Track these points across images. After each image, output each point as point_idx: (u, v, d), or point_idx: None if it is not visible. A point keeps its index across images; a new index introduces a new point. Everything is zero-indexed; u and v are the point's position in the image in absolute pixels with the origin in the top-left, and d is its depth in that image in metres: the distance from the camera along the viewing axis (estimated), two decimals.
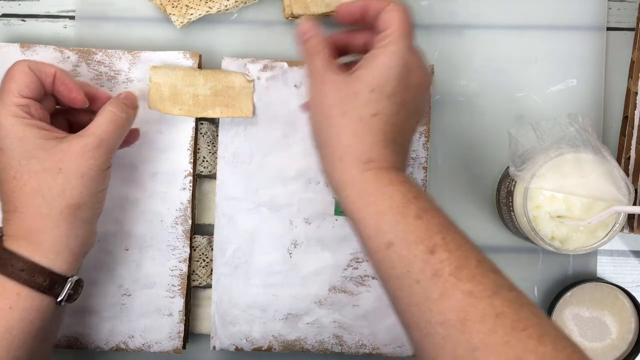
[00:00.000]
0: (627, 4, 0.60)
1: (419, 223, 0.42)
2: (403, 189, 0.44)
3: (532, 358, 0.37)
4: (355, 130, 0.45)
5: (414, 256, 0.41)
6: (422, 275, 0.41)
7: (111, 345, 0.56)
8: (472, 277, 0.40)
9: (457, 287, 0.39)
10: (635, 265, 0.59)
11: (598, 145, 0.50)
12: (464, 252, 0.41)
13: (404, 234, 0.42)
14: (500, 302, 0.39)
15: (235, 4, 0.58)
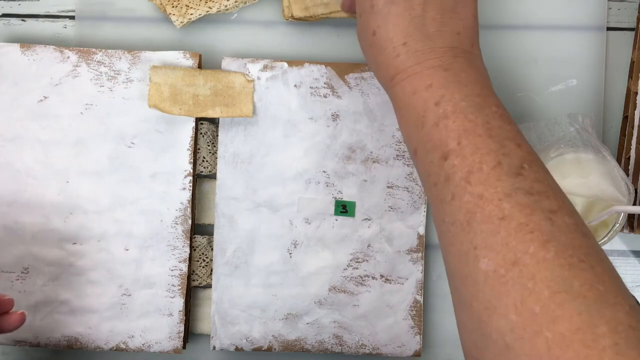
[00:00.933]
0: (627, 4, 0.60)
1: (435, 131, 0.42)
2: (426, 96, 0.43)
3: (529, 260, 0.36)
4: (369, 56, 0.46)
5: (430, 162, 0.42)
6: (437, 179, 0.41)
7: (111, 345, 0.56)
8: (484, 181, 0.39)
9: (467, 190, 0.39)
10: (635, 265, 0.59)
11: (598, 145, 0.50)
12: (480, 155, 0.40)
13: (423, 142, 0.42)
14: (510, 205, 0.38)
15: (235, 4, 0.58)
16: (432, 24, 0.44)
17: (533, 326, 0.35)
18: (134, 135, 0.56)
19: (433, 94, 0.43)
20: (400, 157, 0.57)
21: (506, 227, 0.37)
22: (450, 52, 0.44)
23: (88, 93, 0.56)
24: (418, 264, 0.57)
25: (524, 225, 0.37)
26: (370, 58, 0.46)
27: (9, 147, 0.56)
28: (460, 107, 0.42)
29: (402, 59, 0.44)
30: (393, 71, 0.44)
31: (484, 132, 0.41)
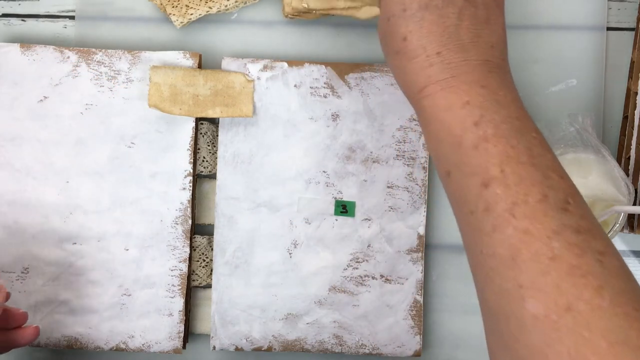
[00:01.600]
0: (627, 4, 0.60)
1: (474, 154, 0.39)
2: (462, 114, 0.40)
3: (583, 307, 0.34)
4: (397, 65, 0.43)
5: (468, 188, 0.39)
6: (475, 207, 0.38)
7: (111, 345, 0.56)
8: (531, 215, 0.36)
9: (510, 223, 0.37)
10: (635, 265, 0.59)
11: (598, 145, 0.50)
12: (526, 186, 0.37)
13: (459, 164, 0.39)
14: (559, 245, 0.35)
15: (235, 4, 0.58)
16: (466, 35, 0.42)
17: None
18: (134, 135, 0.56)
19: (471, 112, 0.40)
20: (400, 157, 0.57)
21: (557, 269, 0.35)
22: (485, 66, 0.42)
23: (88, 93, 0.56)
24: (418, 264, 0.57)
25: (576, 267, 0.35)
26: (396, 65, 0.43)
27: (9, 147, 0.56)
28: (502, 131, 0.39)
29: (436, 69, 0.41)
30: (424, 82, 0.42)
31: (527, 160, 0.38)
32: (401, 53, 0.42)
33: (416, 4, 0.42)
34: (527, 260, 0.36)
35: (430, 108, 0.41)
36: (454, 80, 0.41)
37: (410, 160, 0.57)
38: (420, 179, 0.57)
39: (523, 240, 0.36)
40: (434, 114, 0.41)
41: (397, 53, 0.43)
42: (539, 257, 0.36)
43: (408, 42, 0.42)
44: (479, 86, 0.41)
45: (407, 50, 0.42)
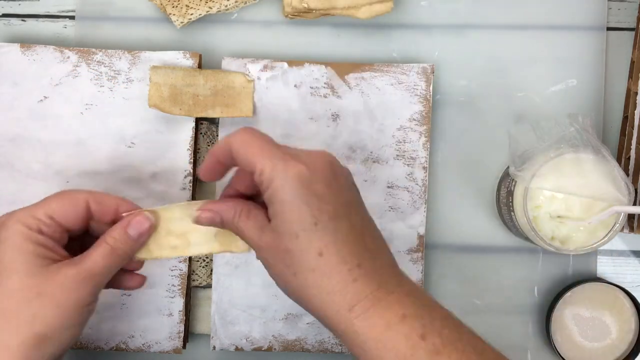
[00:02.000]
0: (627, 4, 0.60)
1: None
2: (405, 330, 0.38)
3: None
4: (315, 284, 0.40)
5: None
6: None
7: (111, 345, 0.56)
8: None
9: None
10: (635, 265, 0.59)
11: (598, 145, 0.50)
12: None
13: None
14: None
15: (235, 4, 0.58)
16: (370, 241, 0.41)
17: None
18: (134, 135, 0.56)
19: (412, 325, 0.39)
20: (400, 157, 0.57)
21: None
22: (393, 268, 0.41)
23: (88, 93, 0.56)
24: (418, 264, 0.57)
25: None
26: (309, 285, 0.40)
27: (9, 147, 0.56)
28: (447, 337, 0.39)
29: (361, 283, 0.39)
30: (352, 299, 0.39)
31: (482, 350, 0.40)
32: (317, 270, 0.39)
33: (326, 215, 0.40)
34: None
35: (367, 329, 0.39)
36: (380, 292, 0.39)
37: (410, 160, 0.57)
38: (420, 179, 0.57)
39: None
40: (372, 336, 0.39)
41: (313, 271, 0.40)
42: None
43: (325, 258, 0.39)
44: (404, 294, 0.40)
45: (326, 267, 0.39)
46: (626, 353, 0.57)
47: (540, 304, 0.59)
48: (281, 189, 0.40)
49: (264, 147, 0.41)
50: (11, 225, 0.43)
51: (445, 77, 0.59)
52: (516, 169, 0.51)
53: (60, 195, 0.46)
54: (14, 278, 0.42)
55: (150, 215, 0.47)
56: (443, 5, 0.59)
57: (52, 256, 0.44)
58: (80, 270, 0.43)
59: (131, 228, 0.46)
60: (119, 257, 0.45)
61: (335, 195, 0.41)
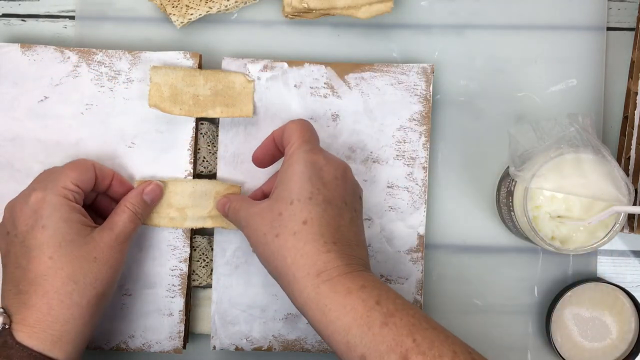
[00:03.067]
0: (627, 4, 0.60)
1: (386, 331, 0.42)
2: (363, 296, 0.43)
3: None
4: (294, 246, 0.45)
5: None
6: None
7: (111, 345, 0.56)
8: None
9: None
10: (635, 265, 0.59)
11: (598, 145, 0.50)
12: (437, 349, 0.42)
13: (374, 345, 0.42)
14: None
15: (235, 4, 0.58)
16: (353, 237, 0.47)
17: None
18: (134, 135, 0.56)
19: (370, 293, 0.44)
20: (400, 157, 0.57)
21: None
22: (364, 261, 0.47)
23: (88, 93, 0.56)
24: (418, 264, 0.57)
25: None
26: (289, 247, 0.46)
27: (9, 147, 0.56)
28: (400, 306, 0.44)
29: (332, 256, 0.45)
30: (321, 266, 0.45)
31: (428, 325, 0.43)
32: (299, 234, 0.45)
33: (322, 196, 0.46)
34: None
35: (330, 293, 0.44)
36: (348, 268, 0.45)
37: (410, 160, 0.57)
38: (420, 179, 0.57)
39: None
40: (335, 299, 0.44)
41: (295, 234, 0.46)
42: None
43: (308, 226, 0.46)
44: (367, 273, 0.46)
45: (307, 233, 0.45)
46: (626, 353, 0.57)
47: (540, 304, 0.59)
48: (296, 163, 0.47)
49: (304, 133, 0.49)
50: (54, 199, 0.48)
51: (445, 77, 0.59)
52: (516, 169, 0.51)
53: (75, 164, 0.52)
54: (71, 247, 0.47)
55: (161, 183, 0.54)
56: (443, 5, 0.59)
57: (89, 223, 0.50)
58: (117, 234, 0.50)
59: (146, 194, 0.53)
60: (139, 220, 0.52)
61: (336, 190, 0.47)
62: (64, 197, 0.49)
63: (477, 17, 0.59)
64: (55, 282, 0.46)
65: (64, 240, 0.47)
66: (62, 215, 0.48)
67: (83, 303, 0.47)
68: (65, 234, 0.47)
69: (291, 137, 0.49)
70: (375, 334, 0.42)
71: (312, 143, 0.49)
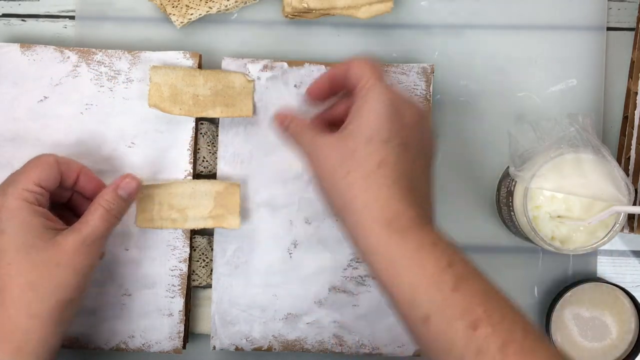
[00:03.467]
0: (627, 4, 0.60)
1: (456, 295, 0.40)
2: (436, 254, 0.41)
3: None
4: (365, 188, 0.42)
5: (455, 332, 0.39)
6: (466, 351, 0.39)
7: (111, 345, 0.56)
8: (520, 351, 0.38)
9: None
10: (635, 265, 0.59)
11: (598, 145, 0.50)
12: (508, 323, 0.39)
13: (442, 308, 0.39)
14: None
15: (235, 4, 0.58)
16: (424, 187, 0.45)
17: None
18: (134, 135, 0.56)
19: (443, 252, 0.41)
20: None
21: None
22: (433, 221, 0.45)
23: (88, 93, 0.56)
24: None
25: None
26: (360, 189, 0.43)
27: (9, 147, 0.56)
28: (471, 271, 0.41)
29: (405, 205, 0.42)
30: (392, 215, 0.42)
31: (498, 295, 0.40)
32: (372, 177, 0.42)
33: (399, 139, 0.44)
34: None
35: (400, 245, 0.41)
36: (419, 219, 0.42)
37: None
38: None
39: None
40: (405, 253, 0.41)
41: (368, 176, 0.43)
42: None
43: (382, 170, 0.43)
44: (435, 229, 0.43)
45: (380, 177, 0.42)
46: (626, 353, 0.57)
47: (540, 304, 0.59)
48: (375, 100, 0.44)
49: (376, 70, 0.46)
50: (13, 203, 0.46)
51: (445, 77, 0.59)
52: (516, 169, 0.51)
53: (36, 161, 0.49)
54: (32, 253, 0.45)
55: (136, 175, 0.51)
56: (443, 5, 0.59)
57: (53, 225, 0.47)
58: (85, 236, 0.47)
59: (121, 189, 0.50)
60: (114, 218, 0.49)
61: (414, 134, 0.45)
62: (24, 200, 0.46)
63: (477, 17, 0.59)
64: (13, 290, 0.44)
65: (24, 245, 0.45)
66: (22, 219, 0.45)
67: (44, 312, 0.45)
68: (25, 239, 0.45)
69: (362, 74, 0.45)
70: (445, 298, 0.39)
71: (387, 81, 0.46)
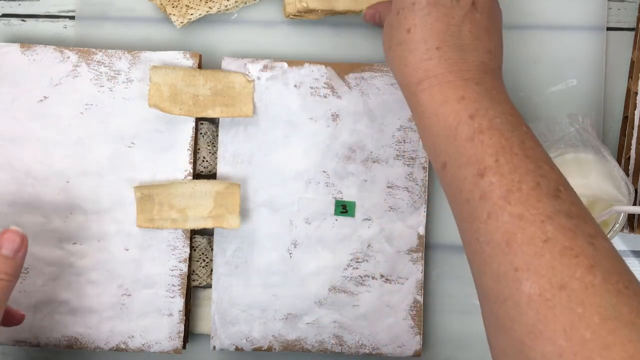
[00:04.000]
0: (627, 4, 0.60)
1: (469, 145, 0.41)
2: (458, 107, 0.42)
3: (576, 285, 0.35)
4: (399, 56, 0.45)
5: (464, 178, 0.41)
6: (471, 196, 0.40)
7: (111, 345, 0.56)
8: (525, 201, 0.38)
9: (505, 209, 0.38)
10: (635, 265, 0.59)
11: (598, 145, 0.50)
12: (519, 175, 0.39)
13: (455, 156, 0.41)
14: (553, 228, 0.37)
15: (235, 4, 0.58)
16: (467, 36, 0.44)
17: (584, 352, 0.34)
18: (134, 135, 0.56)
19: (466, 106, 0.42)
20: (400, 157, 0.57)
21: (550, 250, 0.37)
22: (481, 67, 0.44)
23: (88, 93, 0.56)
24: (418, 264, 0.57)
25: (569, 248, 0.36)
26: (397, 56, 0.45)
27: (9, 147, 0.56)
28: (495, 124, 0.41)
29: (434, 63, 0.43)
30: (422, 74, 0.44)
31: (520, 152, 0.40)
32: (404, 44, 0.44)
33: (425, 1, 0.44)
34: (522, 244, 0.37)
35: (427, 101, 0.43)
36: (451, 76, 0.43)
37: (410, 160, 0.57)
38: (420, 179, 0.57)
39: (518, 225, 0.38)
40: (430, 108, 0.43)
41: (400, 44, 0.45)
42: (534, 240, 0.37)
43: (411, 34, 0.44)
44: (474, 83, 0.43)
45: (410, 42, 0.44)
46: None
47: None
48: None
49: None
50: None
51: None
52: None
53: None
54: None
55: (18, 228, 0.46)
56: None
57: None
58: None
59: (5, 249, 0.46)
60: (5, 282, 0.45)
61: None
62: None
63: None
64: None
65: None
66: None
67: None
68: None
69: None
70: (458, 146, 0.41)
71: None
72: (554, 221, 0.37)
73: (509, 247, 0.38)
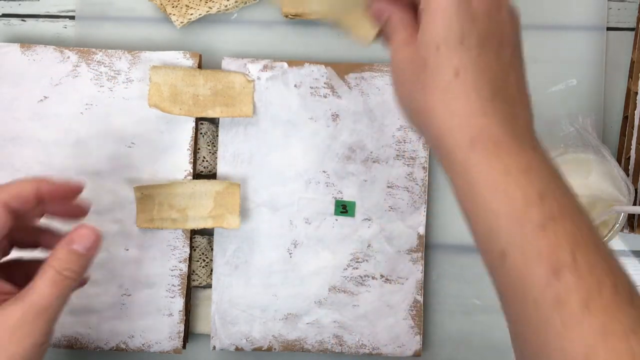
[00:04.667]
0: (627, 4, 0.60)
1: (542, 235, 0.34)
2: (524, 182, 0.34)
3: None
4: (441, 104, 0.36)
5: (533, 275, 0.34)
6: (541, 299, 0.33)
7: (111, 345, 0.56)
8: (606, 310, 0.32)
9: (585, 319, 0.32)
10: (635, 265, 0.59)
11: (598, 145, 0.50)
12: (598, 275, 0.33)
13: (521, 246, 0.34)
14: (636, 342, 0.32)
15: (235, 4, 0.58)
16: (513, 87, 0.38)
17: None
18: (134, 135, 0.56)
19: (534, 181, 0.34)
20: (400, 157, 0.57)
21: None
22: (531, 127, 0.37)
23: (88, 93, 0.56)
24: (418, 264, 0.57)
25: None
26: (438, 103, 0.37)
27: (9, 147, 0.56)
28: (566, 207, 0.34)
29: (489, 120, 0.36)
30: (475, 131, 0.35)
31: (592, 244, 0.34)
32: (448, 90, 0.36)
33: (475, 36, 0.36)
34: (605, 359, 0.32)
35: (485, 169, 0.35)
36: (506, 137, 0.36)
37: (410, 160, 0.57)
38: (420, 178, 0.57)
39: (600, 340, 0.32)
40: (489, 178, 0.35)
41: (444, 89, 0.36)
42: (620, 357, 0.32)
43: (461, 78, 0.36)
44: (531, 149, 0.36)
45: (458, 88, 0.36)
46: None
47: None
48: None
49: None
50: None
51: None
52: None
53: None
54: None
55: (94, 227, 0.42)
56: None
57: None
58: (26, 308, 0.38)
59: (77, 244, 0.42)
60: (70, 280, 0.41)
61: (491, 22, 0.37)
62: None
63: None
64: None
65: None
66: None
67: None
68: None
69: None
70: (526, 235, 0.34)
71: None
72: (637, 335, 0.32)
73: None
